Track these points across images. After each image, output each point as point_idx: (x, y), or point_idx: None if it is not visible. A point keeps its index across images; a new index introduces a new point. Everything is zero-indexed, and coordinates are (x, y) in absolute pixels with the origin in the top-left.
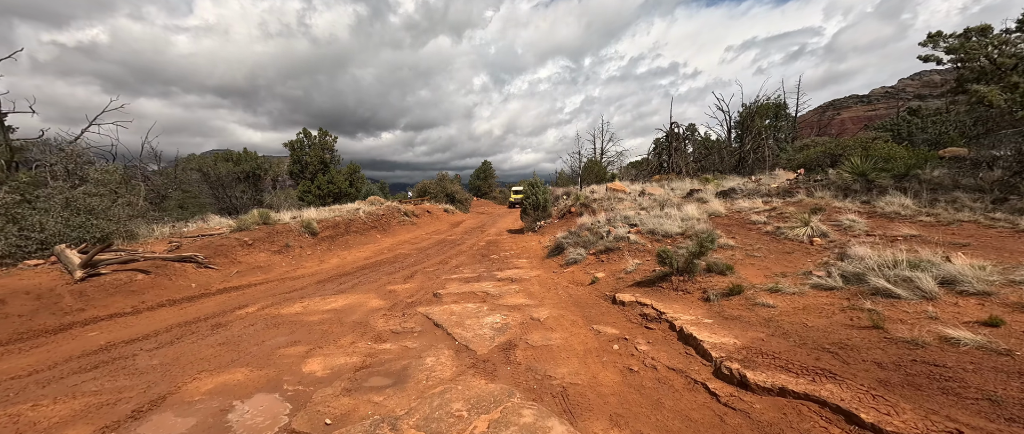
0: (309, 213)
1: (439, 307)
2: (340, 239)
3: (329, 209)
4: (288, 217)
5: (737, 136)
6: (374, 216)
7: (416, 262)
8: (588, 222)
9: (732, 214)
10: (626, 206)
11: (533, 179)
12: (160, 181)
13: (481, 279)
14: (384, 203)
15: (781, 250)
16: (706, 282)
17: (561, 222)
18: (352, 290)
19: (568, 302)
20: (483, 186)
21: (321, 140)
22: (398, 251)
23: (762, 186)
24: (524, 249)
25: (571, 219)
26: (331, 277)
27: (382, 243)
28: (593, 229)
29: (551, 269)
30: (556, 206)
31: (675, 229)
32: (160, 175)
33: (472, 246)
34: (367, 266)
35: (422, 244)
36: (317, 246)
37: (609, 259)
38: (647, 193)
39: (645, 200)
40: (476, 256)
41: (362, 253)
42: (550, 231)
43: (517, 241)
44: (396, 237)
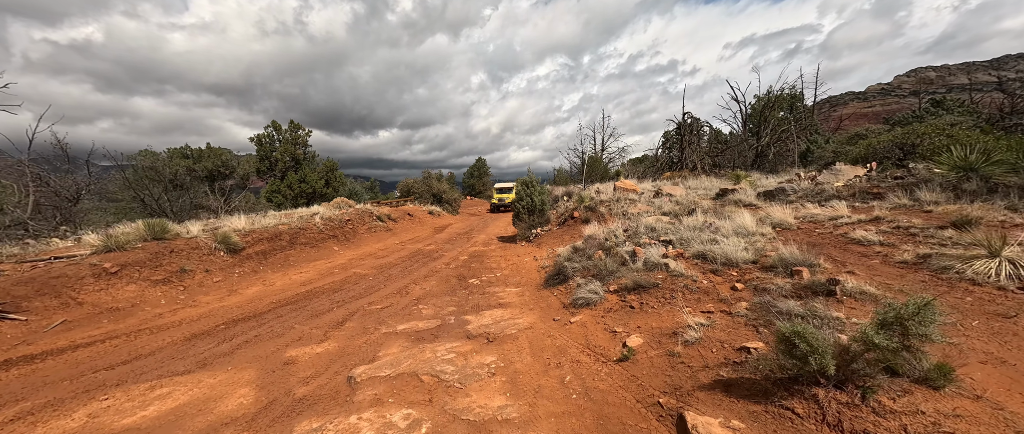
0: (236, 222)
1: (341, 418)
2: (276, 256)
3: (282, 214)
4: (198, 229)
5: (752, 129)
6: (335, 223)
7: (365, 291)
8: (599, 234)
9: (807, 226)
10: (641, 210)
11: (528, 176)
12: (67, 182)
13: (443, 333)
14: (355, 206)
15: (980, 306)
16: (904, 405)
17: (562, 230)
18: (223, 360)
19: (586, 418)
20: (477, 184)
21: (292, 134)
22: (353, 271)
23: (820, 185)
24: (515, 268)
25: (574, 226)
26: (221, 325)
27: (337, 259)
28: (608, 246)
29: (551, 312)
30: (555, 209)
31: (740, 253)
32: (67, 174)
33: (450, 262)
34: (295, 299)
35: (388, 259)
36: (236, 268)
37: (644, 304)
38: (664, 193)
39: (665, 202)
40: (450, 280)
41: (301, 275)
42: (548, 242)
43: (507, 254)
44: (359, 249)
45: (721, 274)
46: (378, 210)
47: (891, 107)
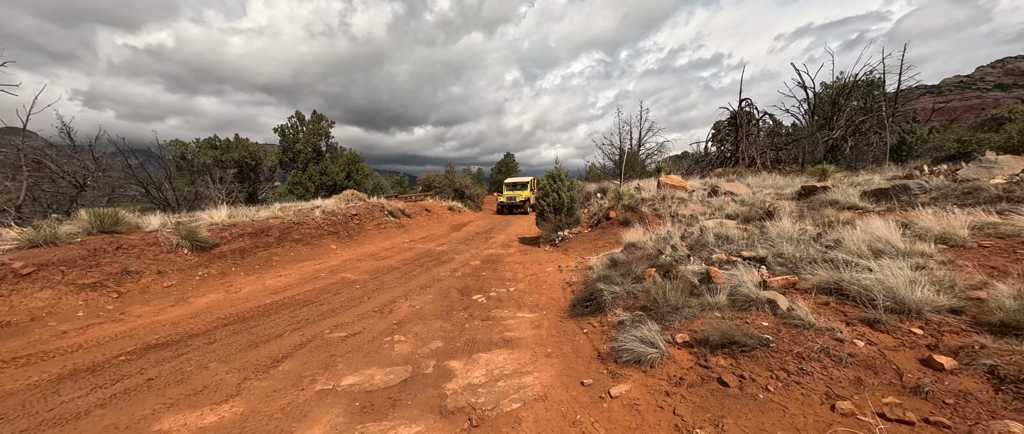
0: (216, 214)
1: None
2: (256, 255)
3: (278, 207)
4: (157, 222)
5: (821, 120)
6: (339, 217)
7: (341, 305)
8: (646, 242)
9: (995, 242)
10: (695, 211)
11: (555, 168)
12: (76, 168)
13: (406, 396)
14: (366, 200)
15: None
16: None
17: (595, 234)
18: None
19: None
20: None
21: (315, 125)
22: (341, 276)
23: (965, 181)
24: (534, 281)
25: (610, 229)
26: (125, 354)
27: (330, 259)
28: (665, 263)
29: (579, 366)
30: (586, 208)
31: (923, 293)
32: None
33: (458, 268)
34: (250, 314)
35: (389, 261)
36: (201, 269)
37: (746, 380)
38: (722, 191)
39: (727, 203)
40: (451, 294)
41: (277, 280)
42: (577, 247)
43: (527, 261)
44: (361, 248)
45: (888, 328)
46: (391, 205)
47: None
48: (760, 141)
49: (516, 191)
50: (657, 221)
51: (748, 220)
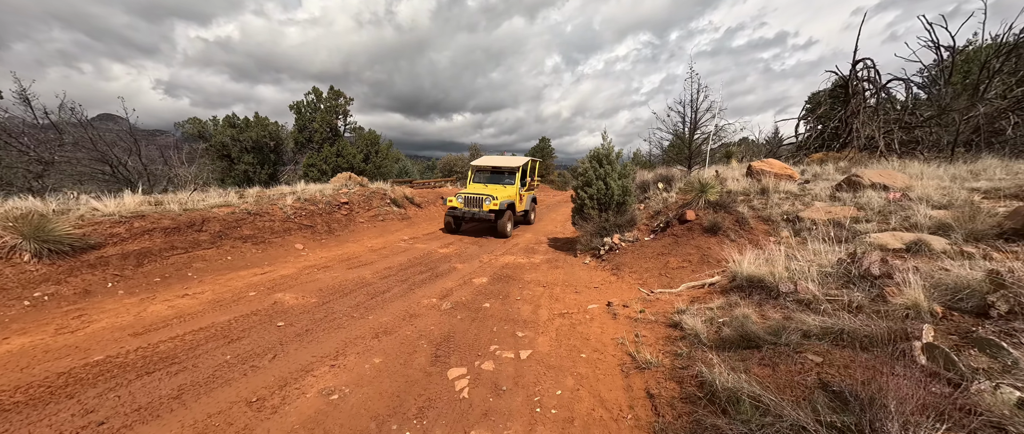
0: (129, 201)
1: None
2: (164, 261)
3: (233, 192)
4: None
5: (957, 91)
6: (317, 207)
7: (215, 376)
8: (783, 276)
9: None
10: (832, 214)
11: (602, 147)
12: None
13: None
14: (366, 185)
15: None
16: None
17: (661, 244)
18: None
19: None
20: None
21: (332, 102)
22: (276, 298)
23: None
24: (567, 336)
25: (687, 238)
26: None
27: (282, 267)
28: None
29: None
30: (642, 203)
31: None
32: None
33: (454, 289)
34: (30, 394)
35: (364, 272)
36: (46, 287)
37: None
38: (870, 184)
39: (894, 203)
40: (414, 362)
41: (174, 305)
42: (636, 265)
43: (556, 281)
44: (339, 248)
45: None
46: (397, 191)
47: None
48: (884, 116)
49: (488, 185)
50: (766, 229)
51: (977, 238)
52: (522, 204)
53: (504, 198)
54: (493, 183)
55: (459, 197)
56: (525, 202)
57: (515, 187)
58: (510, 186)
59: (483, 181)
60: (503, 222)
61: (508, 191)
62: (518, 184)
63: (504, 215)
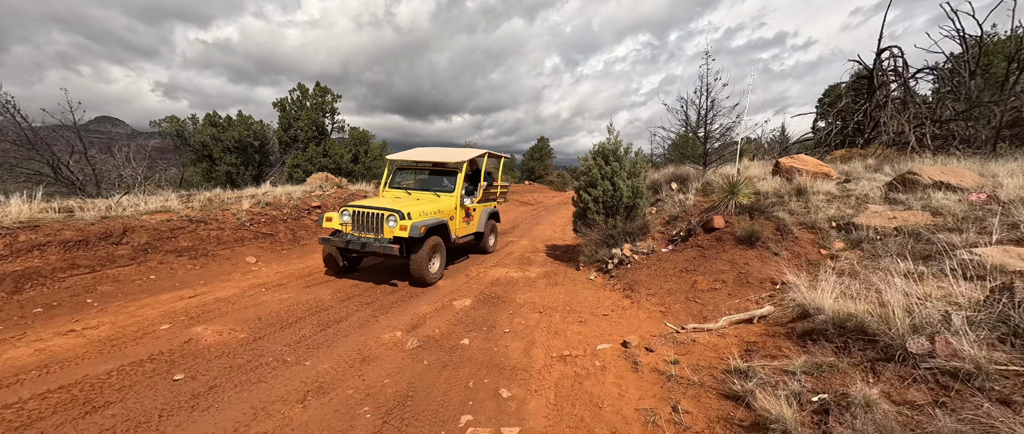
0: (16, 208)
1: None
2: (55, 285)
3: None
4: None
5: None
6: (281, 213)
7: None
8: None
9: None
10: (897, 219)
11: (609, 142)
12: None
13: None
14: (346, 187)
15: None
16: None
17: (684, 257)
18: None
19: None
20: (537, 167)
21: (319, 99)
22: (194, 333)
23: None
24: (571, 398)
25: (716, 250)
26: None
27: (221, 287)
28: None
29: None
30: (656, 207)
31: None
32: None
33: (428, 316)
34: None
35: (321, 292)
36: None
37: None
38: (926, 181)
39: (975, 205)
40: (357, 432)
41: (44, 349)
42: (654, 285)
43: (555, 304)
44: (299, 261)
45: None
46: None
47: None
48: (915, 109)
49: (413, 192)
50: (811, 238)
51: None
52: (471, 223)
53: (427, 215)
54: (423, 189)
55: (345, 214)
56: (478, 220)
57: (454, 196)
58: (446, 195)
59: (408, 186)
60: (420, 259)
61: (440, 203)
62: (459, 191)
63: (425, 246)
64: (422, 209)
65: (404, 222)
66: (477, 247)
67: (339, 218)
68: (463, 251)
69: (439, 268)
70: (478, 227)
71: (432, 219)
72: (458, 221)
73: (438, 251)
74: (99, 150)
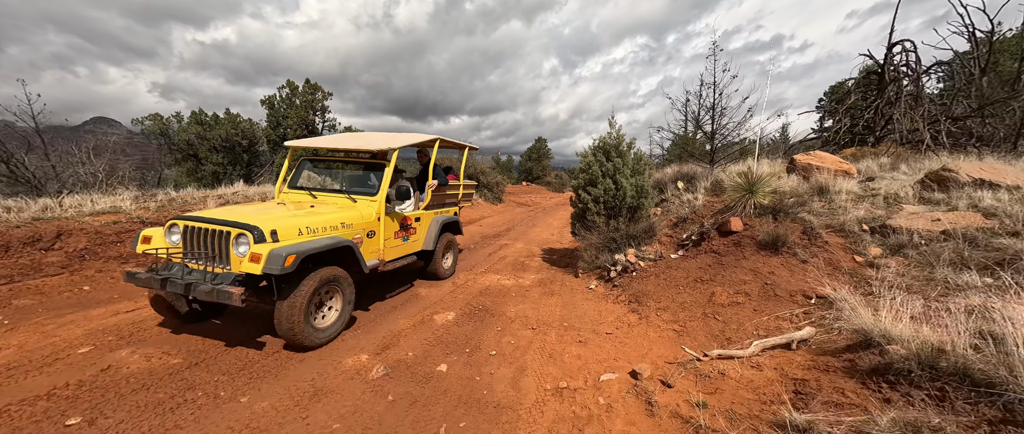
0: None
1: None
2: None
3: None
4: None
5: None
6: None
7: None
8: None
9: None
10: (943, 221)
11: (610, 137)
12: None
13: None
14: None
15: None
16: None
17: (696, 263)
18: None
19: None
20: (535, 168)
21: (308, 97)
22: (116, 359)
23: None
24: None
25: (735, 256)
26: None
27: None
28: None
29: None
30: (661, 209)
31: None
32: None
33: (405, 331)
34: None
35: None
36: None
37: None
38: (964, 179)
39: None
40: None
41: None
42: (664, 297)
43: (550, 318)
44: None
45: None
46: None
47: None
48: (929, 105)
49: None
50: (841, 243)
51: None
52: (413, 239)
53: (316, 232)
54: (344, 191)
55: (173, 230)
56: (425, 233)
57: (375, 200)
58: (365, 199)
59: (323, 186)
60: (292, 308)
61: (351, 213)
62: (385, 193)
63: (302, 286)
64: (309, 223)
65: (260, 248)
66: (425, 271)
67: (164, 238)
68: (403, 278)
69: (337, 320)
70: (425, 244)
71: (323, 239)
72: (384, 237)
73: (337, 291)
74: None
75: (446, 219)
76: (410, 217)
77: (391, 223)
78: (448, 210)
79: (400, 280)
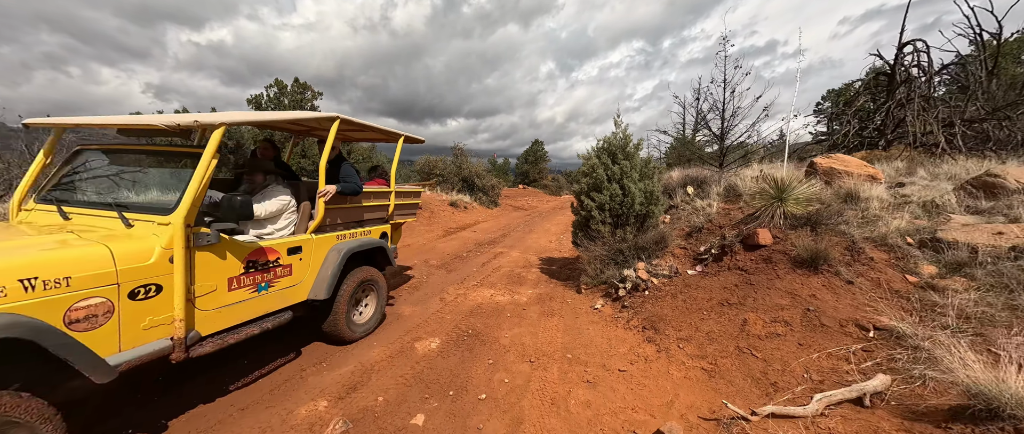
0: None
1: None
2: None
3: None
4: None
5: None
6: None
7: None
8: None
9: None
10: (1007, 236)
11: (616, 136)
12: None
13: None
14: None
15: None
16: None
17: (716, 279)
18: None
19: None
20: (532, 171)
21: (297, 96)
22: None
23: None
24: None
25: (767, 273)
26: None
27: None
28: None
29: None
30: (669, 215)
31: None
32: None
33: (376, 365)
34: None
35: None
36: None
37: None
38: (1011, 186)
39: None
40: None
41: None
42: (687, 326)
43: (548, 353)
44: None
45: None
46: None
47: None
48: (944, 107)
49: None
50: (887, 259)
51: None
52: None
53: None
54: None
55: None
56: (318, 273)
57: (170, 222)
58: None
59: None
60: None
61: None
62: (188, 205)
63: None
64: None
65: None
66: (320, 327)
67: None
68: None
69: None
70: (314, 290)
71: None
72: (206, 289)
73: None
74: None
75: (360, 246)
76: (275, 249)
77: (220, 262)
78: (370, 230)
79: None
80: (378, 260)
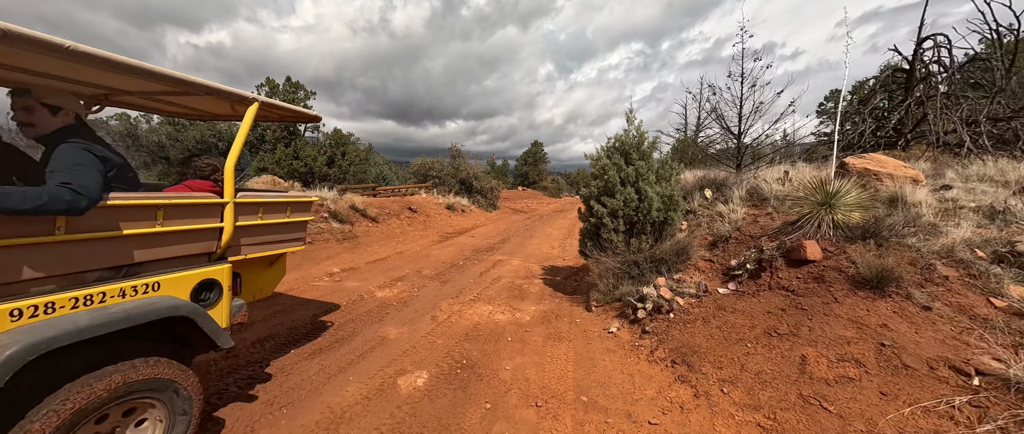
0: None
1: None
2: None
3: None
4: None
5: None
6: None
7: None
8: None
9: None
10: None
11: (630, 133)
12: None
13: None
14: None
15: None
16: None
17: (756, 301)
18: None
19: None
20: (531, 173)
21: (289, 96)
22: None
23: None
24: None
25: (821, 295)
26: None
27: None
28: None
29: None
30: (689, 222)
31: None
32: None
33: (349, 411)
34: None
35: None
36: None
37: None
38: None
39: None
40: None
41: None
42: (730, 363)
43: (558, 395)
44: None
45: None
46: (340, 202)
47: None
48: (966, 106)
49: None
50: (959, 276)
51: None
52: None
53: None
54: None
55: None
56: None
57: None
58: None
59: None
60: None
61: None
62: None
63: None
64: None
65: None
66: None
67: None
68: None
69: None
70: None
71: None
72: None
73: None
74: None
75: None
76: None
77: None
78: (158, 282)
79: None
80: (184, 341)
